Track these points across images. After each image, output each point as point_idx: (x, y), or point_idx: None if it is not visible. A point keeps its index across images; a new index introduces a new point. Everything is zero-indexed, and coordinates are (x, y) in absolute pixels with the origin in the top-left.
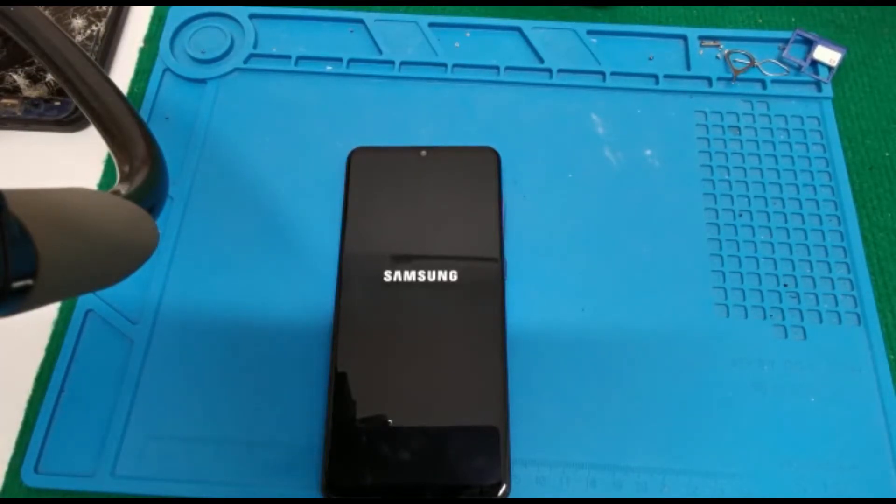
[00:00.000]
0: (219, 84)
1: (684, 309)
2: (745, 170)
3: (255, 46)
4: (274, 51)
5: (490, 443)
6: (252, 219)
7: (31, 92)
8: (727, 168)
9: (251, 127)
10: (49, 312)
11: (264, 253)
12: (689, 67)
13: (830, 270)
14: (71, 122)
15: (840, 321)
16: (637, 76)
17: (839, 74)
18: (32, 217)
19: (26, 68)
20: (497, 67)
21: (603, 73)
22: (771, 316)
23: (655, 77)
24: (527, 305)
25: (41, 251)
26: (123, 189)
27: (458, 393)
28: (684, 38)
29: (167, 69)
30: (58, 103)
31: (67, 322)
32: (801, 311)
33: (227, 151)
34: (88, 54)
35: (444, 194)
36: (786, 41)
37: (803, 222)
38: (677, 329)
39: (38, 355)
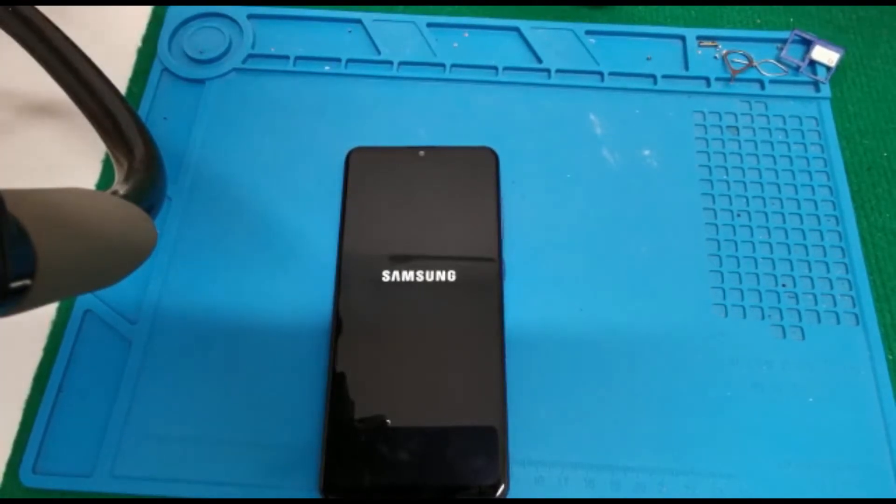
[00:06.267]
0: (217, 84)
1: (682, 309)
2: (743, 170)
3: (253, 47)
4: (272, 51)
5: (488, 443)
6: (250, 219)
7: None
8: (725, 168)
9: (249, 127)
10: (47, 312)
11: (263, 253)
12: (687, 68)
13: (829, 270)
14: None
15: (838, 321)
16: (635, 76)
17: (837, 75)
18: (31, 217)
19: None
20: (495, 67)
21: (601, 74)
22: (769, 316)
23: (654, 77)
24: (525, 305)
25: (39, 251)
26: (122, 189)
27: (456, 393)
28: (682, 38)
29: (165, 69)
30: None
31: (66, 322)
32: (799, 312)
33: (225, 152)
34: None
35: (443, 194)
36: (784, 41)
37: (801, 222)
38: (675, 329)
39: (36, 355)
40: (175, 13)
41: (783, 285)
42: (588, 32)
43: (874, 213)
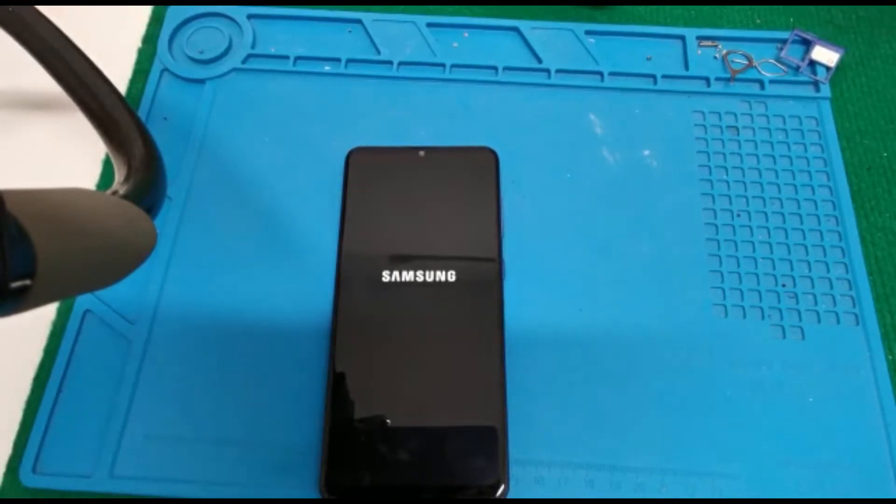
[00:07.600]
0: (217, 84)
1: (682, 309)
2: (743, 170)
3: (253, 47)
4: (272, 51)
5: (488, 443)
6: (250, 219)
7: None
8: (725, 168)
9: (249, 127)
10: (47, 313)
11: (262, 253)
12: (687, 68)
13: (829, 270)
14: None
15: (838, 321)
16: (635, 76)
17: (837, 74)
18: (31, 217)
19: None
20: (495, 67)
21: (601, 74)
22: (769, 316)
23: (653, 77)
24: (525, 305)
25: (39, 251)
26: (122, 189)
27: (456, 393)
28: (682, 38)
29: (165, 69)
30: None
31: (65, 322)
32: (799, 312)
33: (225, 152)
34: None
35: (443, 194)
36: (784, 41)
37: (801, 222)
38: (675, 329)
39: (36, 355)
40: (175, 13)
41: (783, 285)
42: (588, 32)
43: (874, 213)
